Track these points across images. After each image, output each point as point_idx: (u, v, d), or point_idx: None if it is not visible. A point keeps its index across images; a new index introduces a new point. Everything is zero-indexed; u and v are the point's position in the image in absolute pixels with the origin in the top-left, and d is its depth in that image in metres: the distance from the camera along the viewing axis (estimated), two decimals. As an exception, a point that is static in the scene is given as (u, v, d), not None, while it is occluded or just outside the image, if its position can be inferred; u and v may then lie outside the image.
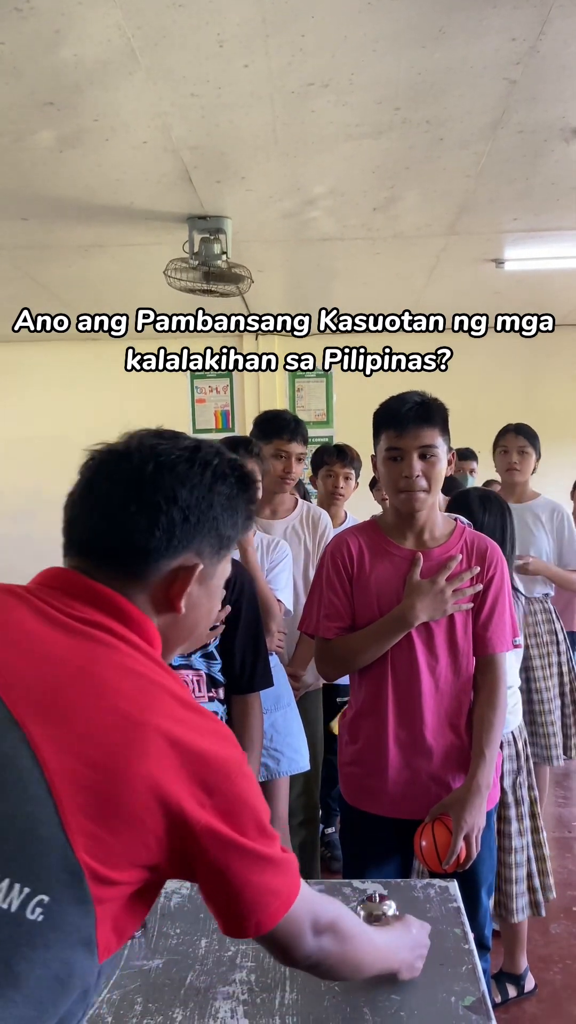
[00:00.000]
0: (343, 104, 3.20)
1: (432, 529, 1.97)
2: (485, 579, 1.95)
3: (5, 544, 7.65)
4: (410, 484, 1.87)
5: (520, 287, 6.09)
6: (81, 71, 2.92)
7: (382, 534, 2.00)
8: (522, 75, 3.01)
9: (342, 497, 3.41)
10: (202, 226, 4.38)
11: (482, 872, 1.98)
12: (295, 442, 2.80)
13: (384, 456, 1.93)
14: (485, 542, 2.00)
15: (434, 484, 1.91)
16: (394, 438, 1.89)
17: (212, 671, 1.95)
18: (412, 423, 1.88)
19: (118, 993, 1.25)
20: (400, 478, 1.88)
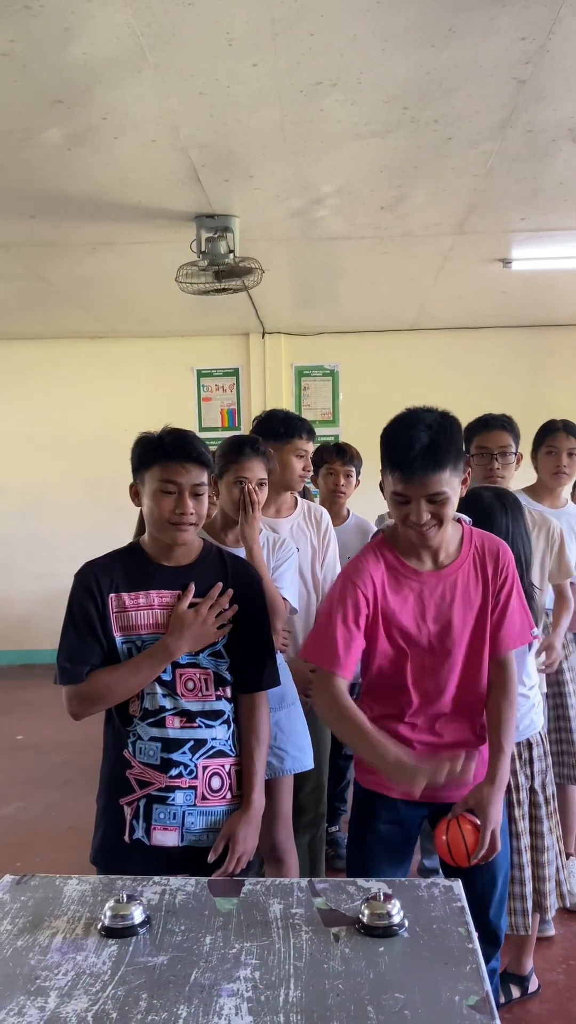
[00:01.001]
0: (351, 103, 3.20)
1: (447, 547, 1.93)
2: (498, 581, 1.94)
3: (11, 541, 7.68)
4: (419, 527, 1.83)
5: (527, 287, 6.08)
6: (90, 69, 2.92)
7: (399, 557, 1.93)
8: (531, 74, 3.01)
9: (344, 495, 3.41)
10: (210, 224, 4.38)
11: (498, 860, 1.99)
12: (312, 441, 2.86)
13: (392, 495, 1.85)
14: (495, 543, 1.98)
15: (445, 522, 1.85)
16: (400, 483, 1.81)
17: (220, 670, 1.95)
18: (420, 471, 1.78)
19: (123, 990, 1.25)
20: (407, 519, 1.84)
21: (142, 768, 1.90)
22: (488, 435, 2.92)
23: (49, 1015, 1.20)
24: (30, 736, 5.51)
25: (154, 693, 1.90)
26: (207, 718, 1.93)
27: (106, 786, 1.97)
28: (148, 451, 1.92)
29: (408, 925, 1.42)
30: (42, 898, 1.54)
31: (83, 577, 1.94)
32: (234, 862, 1.89)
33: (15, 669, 7.50)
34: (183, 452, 1.88)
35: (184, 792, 1.89)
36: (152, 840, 1.89)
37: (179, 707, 1.91)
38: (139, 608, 1.91)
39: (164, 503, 1.87)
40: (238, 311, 6.49)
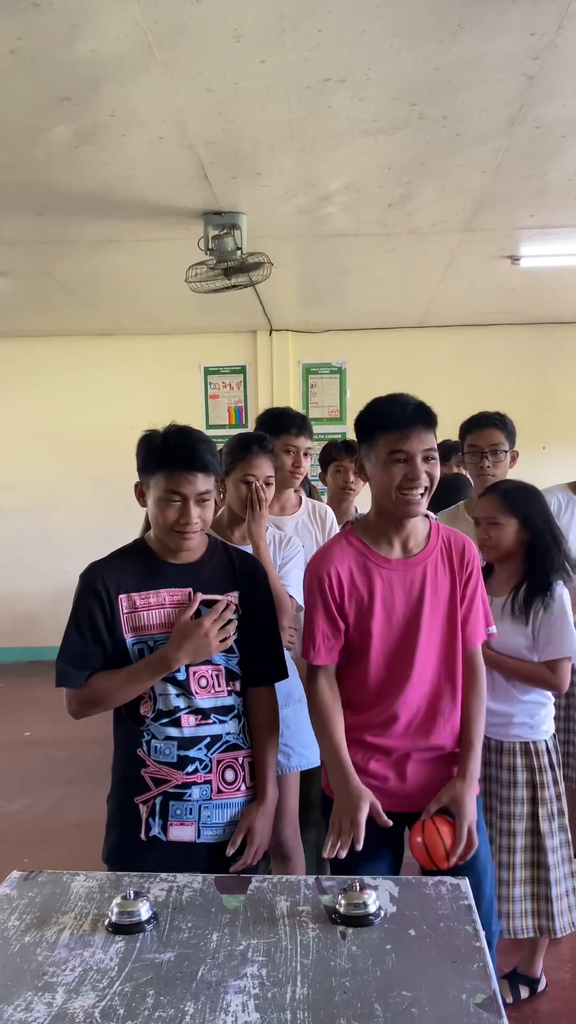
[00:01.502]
0: (359, 99, 3.19)
1: (416, 535, 1.96)
2: (464, 574, 1.96)
3: (19, 539, 7.70)
4: (415, 485, 1.85)
5: (536, 284, 6.06)
6: (98, 66, 2.92)
7: (366, 546, 1.95)
8: (540, 70, 3.00)
9: (352, 492, 3.40)
10: (217, 222, 4.38)
11: (483, 857, 1.98)
12: (303, 436, 2.80)
13: (385, 459, 1.87)
14: (460, 538, 2.00)
15: (433, 486, 1.90)
16: (398, 440, 1.85)
17: (230, 664, 1.96)
18: (416, 424, 1.85)
19: (130, 986, 1.25)
20: (404, 479, 1.85)
21: (157, 766, 1.90)
22: (480, 433, 2.90)
23: (56, 1011, 1.20)
24: (37, 733, 5.52)
25: (167, 694, 1.90)
26: (220, 713, 1.94)
27: (119, 786, 1.97)
28: (152, 456, 1.90)
29: (408, 919, 1.42)
30: (49, 894, 1.54)
31: (89, 579, 1.93)
32: (252, 854, 1.91)
33: (22, 666, 7.52)
34: (188, 462, 1.86)
35: (200, 787, 1.90)
36: (169, 836, 1.89)
37: (193, 705, 1.91)
38: (150, 608, 1.91)
39: (169, 512, 1.87)
40: (245, 308, 6.49)
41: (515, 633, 2.38)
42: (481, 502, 2.49)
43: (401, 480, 1.86)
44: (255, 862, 1.92)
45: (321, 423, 7.26)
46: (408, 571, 1.93)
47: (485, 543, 2.43)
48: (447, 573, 1.96)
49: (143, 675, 1.87)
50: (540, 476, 3.33)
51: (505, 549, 2.43)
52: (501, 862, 2.38)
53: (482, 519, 2.45)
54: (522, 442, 3.05)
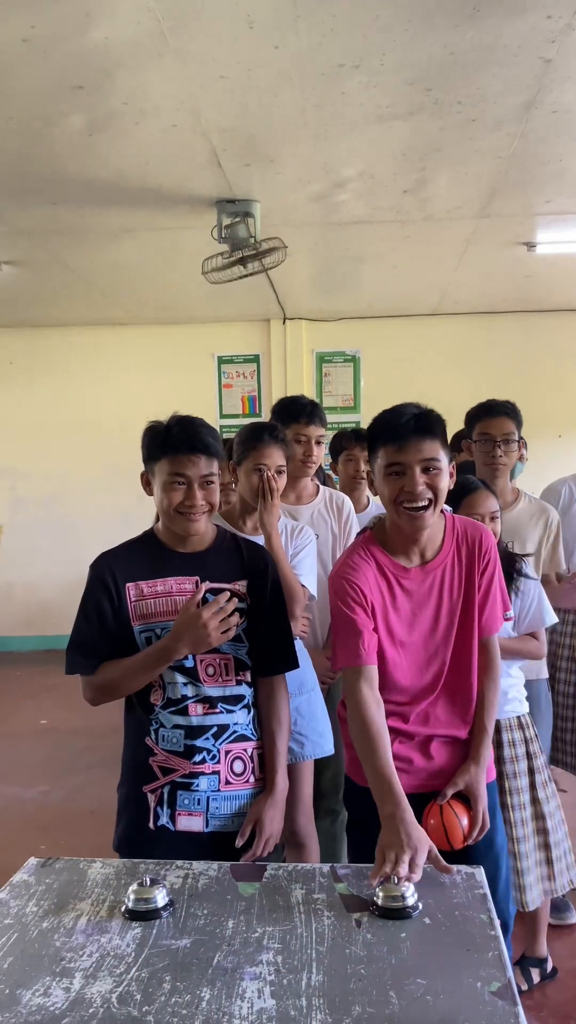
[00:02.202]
0: (374, 85, 3.17)
1: (433, 542, 1.92)
2: (480, 565, 1.94)
3: (34, 527, 7.74)
4: (414, 498, 1.81)
5: (552, 271, 6.01)
6: (111, 54, 2.91)
7: (387, 556, 1.92)
8: (557, 53, 2.96)
9: (364, 481, 3.39)
10: (231, 210, 4.37)
11: (498, 842, 1.99)
12: (313, 425, 2.78)
13: (384, 473, 1.83)
14: (477, 529, 1.98)
15: (439, 498, 1.84)
16: (394, 452, 1.81)
17: (239, 654, 1.96)
18: (413, 435, 1.79)
19: (147, 971, 1.26)
20: (402, 492, 1.81)
21: (165, 755, 1.91)
22: (491, 421, 2.83)
23: (74, 996, 1.21)
24: (54, 721, 5.56)
25: (175, 683, 1.91)
26: (228, 703, 1.94)
27: (128, 775, 1.98)
28: (156, 443, 1.92)
29: (423, 908, 1.42)
30: (67, 881, 1.56)
31: (98, 568, 1.95)
32: (261, 845, 1.91)
33: (39, 654, 7.57)
34: (190, 444, 1.87)
35: (208, 778, 1.90)
36: (177, 826, 1.90)
37: (201, 694, 1.91)
38: (157, 596, 1.92)
39: (173, 495, 1.88)
40: (259, 297, 6.47)
41: None
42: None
43: (399, 493, 1.82)
44: (265, 853, 1.91)
45: (335, 412, 7.24)
46: (426, 577, 1.92)
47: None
48: (463, 572, 1.94)
49: (147, 664, 1.87)
50: (556, 465, 3.32)
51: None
52: (516, 837, 2.40)
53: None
54: (538, 431, 3.04)
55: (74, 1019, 1.16)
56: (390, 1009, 1.17)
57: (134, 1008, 1.18)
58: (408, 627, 1.91)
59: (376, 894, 1.44)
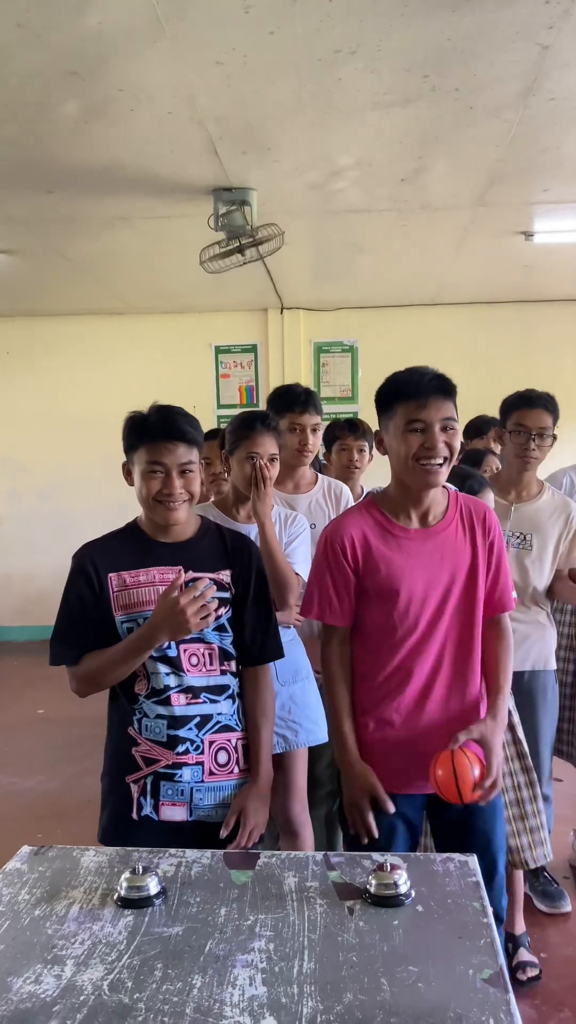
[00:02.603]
0: (371, 72, 3.15)
1: (435, 507, 1.97)
2: (486, 542, 1.97)
3: (33, 518, 7.73)
4: (434, 454, 1.85)
5: (551, 260, 5.99)
6: (106, 40, 2.89)
7: (385, 515, 1.97)
8: (555, 40, 2.94)
9: (358, 470, 3.38)
10: (227, 198, 4.34)
11: (496, 839, 2.00)
12: (307, 413, 2.77)
13: (404, 429, 1.86)
14: (481, 506, 2.01)
15: (453, 456, 1.90)
16: (415, 410, 1.86)
17: (224, 644, 1.96)
18: (435, 394, 1.86)
19: (139, 959, 1.26)
20: (421, 448, 1.86)
21: (149, 745, 1.91)
22: (529, 413, 2.77)
23: (65, 983, 1.21)
24: (51, 711, 5.57)
25: (158, 672, 1.90)
26: (212, 693, 1.93)
27: (111, 765, 1.98)
28: (135, 432, 1.92)
29: (416, 896, 1.42)
30: (59, 869, 1.56)
31: (80, 559, 1.95)
32: (246, 836, 1.90)
33: (36, 644, 7.53)
34: (168, 432, 1.88)
35: (191, 768, 1.90)
36: (161, 816, 1.90)
37: (184, 684, 1.91)
38: (140, 586, 1.91)
39: (151, 483, 1.88)
40: (256, 286, 6.45)
41: None
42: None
43: (418, 449, 1.86)
44: (249, 844, 1.90)
45: (332, 402, 7.23)
46: (427, 541, 1.94)
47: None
48: (468, 543, 1.96)
49: (128, 653, 1.86)
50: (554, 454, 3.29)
51: None
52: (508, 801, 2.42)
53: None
54: (536, 420, 3.01)
55: (65, 1006, 1.16)
56: (382, 996, 1.17)
57: (125, 995, 1.18)
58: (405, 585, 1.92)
59: (369, 882, 1.44)
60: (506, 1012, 1.14)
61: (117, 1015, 1.14)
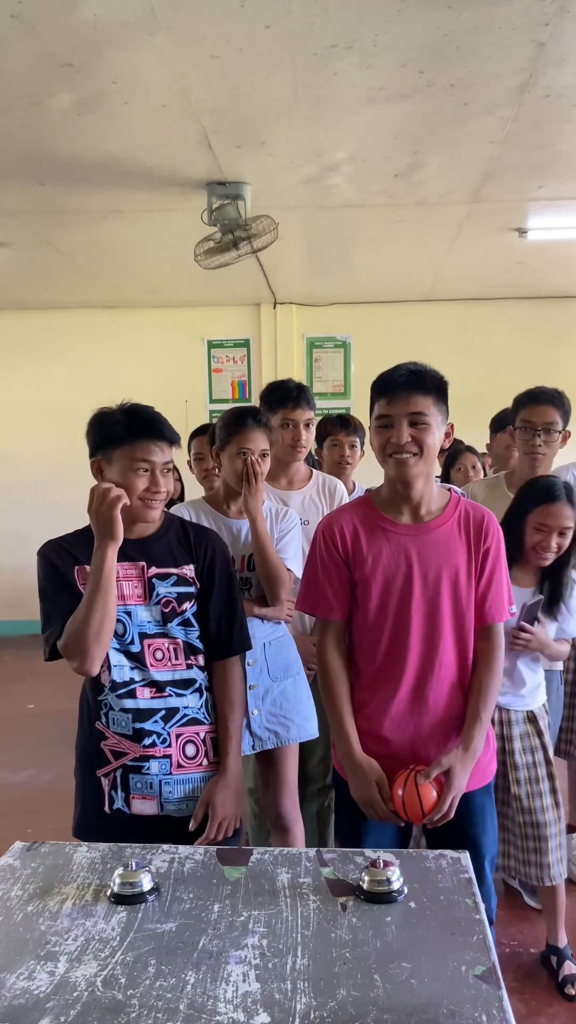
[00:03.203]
0: (366, 66, 3.14)
1: (428, 503, 1.96)
2: (482, 547, 1.95)
3: (22, 511, 7.70)
4: (399, 449, 1.87)
5: (544, 257, 5.99)
6: (100, 32, 2.87)
7: (376, 510, 1.98)
8: (551, 37, 2.94)
9: (349, 466, 3.37)
10: (221, 192, 4.33)
11: (485, 845, 2.00)
12: (300, 408, 2.76)
13: (375, 424, 1.91)
14: (480, 511, 2.00)
15: (426, 452, 1.89)
16: (384, 405, 1.89)
17: (190, 638, 1.96)
18: (403, 389, 1.87)
19: (132, 955, 1.26)
20: (387, 443, 1.88)
21: (117, 739, 1.92)
22: (535, 409, 2.74)
23: (59, 979, 1.21)
24: (41, 705, 5.56)
25: (121, 666, 1.91)
26: (178, 687, 1.94)
27: (81, 759, 1.98)
28: (116, 428, 1.92)
29: (408, 892, 1.43)
30: (52, 865, 1.56)
31: (46, 554, 1.96)
32: (215, 829, 1.89)
33: (26, 639, 7.54)
34: (155, 431, 1.89)
35: (159, 761, 1.90)
36: (132, 809, 1.91)
37: (148, 678, 1.91)
38: None
39: (137, 481, 1.88)
40: (249, 281, 6.43)
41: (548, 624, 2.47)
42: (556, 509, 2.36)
43: (385, 444, 1.89)
44: (219, 837, 1.90)
45: (325, 397, 7.22)
46: (418, 536, 1.93)
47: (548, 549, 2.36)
48: (463, 545, 1.94)
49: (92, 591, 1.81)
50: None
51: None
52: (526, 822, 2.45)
53: (554, 527, 2.35)
54: (528, 417, 3.01)
55: (58, 1003, 1.16)
56: (375, 992, 1.17)
57: (119, 992, 1.18)
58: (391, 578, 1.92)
59: (362, 878, 1.44)
60: (498, 1008, 1.14)
61: (110, 1011, 1.14)
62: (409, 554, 1.92)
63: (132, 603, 1.91)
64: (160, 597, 1.93)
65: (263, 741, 2.44)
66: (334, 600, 1.97)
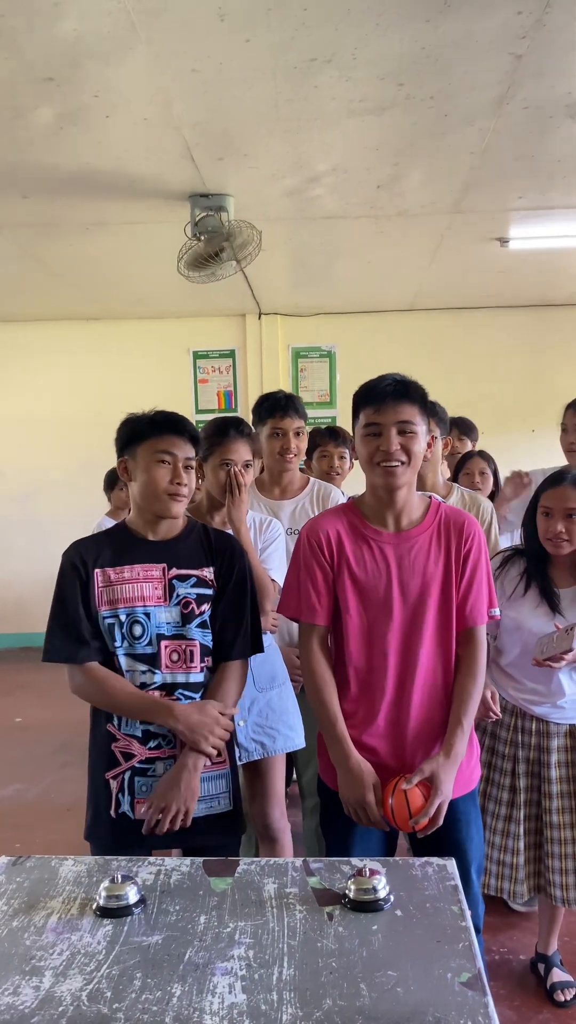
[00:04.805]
0: (346, 79, 3.16)
1: (409, 512, 1.97)
2: (463, 552, 1.96)
3: (8, 524, 7.68)
4: (388, 457, 1.88)
5: (526, 266, 6.04)
6: (81, 46, 2.88)
7: (360, 518, 1.99)
8: (528, 49, 2.97)
9: (339, 477, 3.39)
10: (204, 204, 4.35)
11: (471, 851, 2.00)
12: (288, 417, 2.76)
13: (363, 433, 1.92)
14: (461, 516, 2.01)
15: (413, 460, 1.90)
16: (372, 414, 1.90)
17: (205, 640, 1.99)
18: (391, 398, 1.89)
19: (118, 968, 1.26)
20: (377, 452, 1.89)
21: (126, 741, 1.94)
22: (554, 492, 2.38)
23: (44, 994, 1.20)
24: (28, 718, 5.53)
25: (134, 670, 1.94)
26: (189, 690, 1.96)
27: (94, 761, 2.01)
28: (141, 426, 1.98)
29: (394, 900, 1.43)
30: (38, 879, 1.55)
31: (69, 556, 1.99)
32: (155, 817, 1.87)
33: (13, 652, 7.51)
34: (177, 426, 1.97)
35: (164, 763, 1.93)
36: (136, 814, 1.92)
37: (160, 681, 1.94)
38: (124, 582, 1.95)
39: (160, 473, 1.93)
40: (234, 292, 6.45)
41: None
42: (560, 491, 2.31)
43: (374, 452, 1.90)
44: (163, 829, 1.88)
45: (311, 407, 7.20)
46: (399, 545, 1.94)
47: (559, 536, 2.30)
48: (441, 551, 1.95)
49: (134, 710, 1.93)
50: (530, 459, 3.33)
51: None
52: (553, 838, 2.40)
53: (556, 508, 2.30)
54: (512, 425, 3.07)
55: (43, 1018, 1.15)
56: (361, 1001, 1.17)
57: (104, 1006, 1.18)
58: (371, 586, 1.93)
59: (348, 887, 1.44)
60: (484, 1015, 1.14)
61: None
62: (390, 563, 1.93)
63: (152, 604, 1.94)
64: (180, 598, 1.96)
65: (249, 752, 2.44)
66: (318, 604, 1.96)
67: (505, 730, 2.46)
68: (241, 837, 2.12)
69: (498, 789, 2.46)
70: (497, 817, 2.45)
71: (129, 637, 1.94)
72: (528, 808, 2.44)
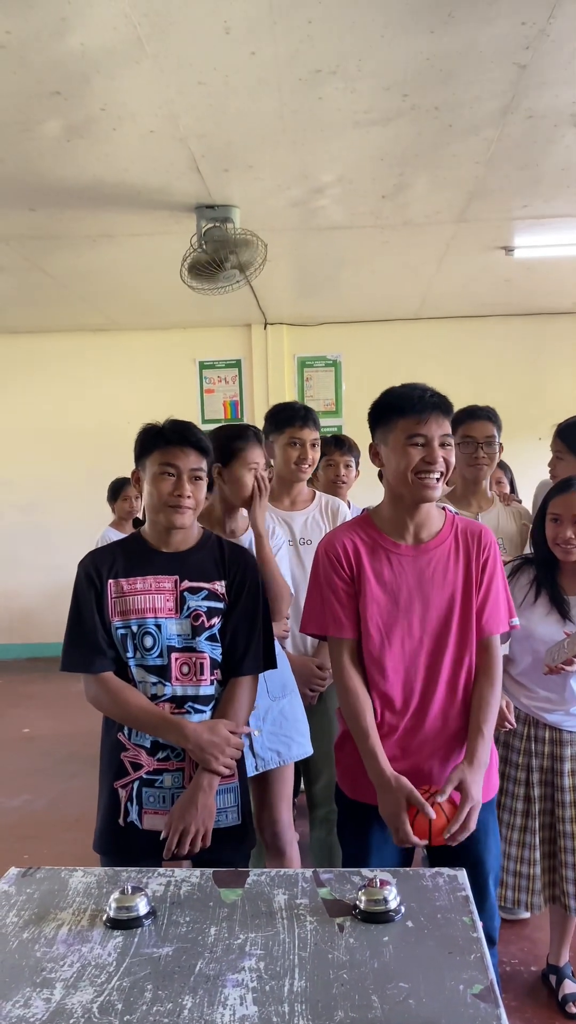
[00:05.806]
0: (351, 91, 3.18)
1: (429, 524, 1.97)
2: (480, 560, 1.95)
3: (15, 534, 7.69)
4: (432, 469, 1.87)
5: (530, 274, 6.05)
6: (88, 60, 2.91)
7: (378, 531, 1.98)
8: (532, 59, 2.99)
9: (345, 486, 3.40)
10: (210, 215, 4.37)
11: (488, 862, 1.98)
12: (307, 428, 2.78)
13: (404, 442, 1.88)
14: (477, 527, 2.01)
15: (449, 471, 1.92)
16: (416, 424, 1.88)
17: (215, 654, 1.98)
18: (435, 410, 1.89)
19: (128, 980, 1.25)
20: (421, 462, 1.88)
21: (136, 751, 1.94)
22: (473, 424, 2.93)
23: (55, 1007, 1.20)
24: (36, 729, 5.52)
25: (145, 681, 1.94)
26: (199, 703, 1.95)
27: (104, 770, 2.01)
28: (150, 437, 1.98)
29: (406, 911, 1.42)
30: (48, 890, 1.54)
31: (84, 566, 1.99)
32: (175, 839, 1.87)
33: (21, 663, 7.52)
34: (183, 437, 1.95)
35: (172, 774, 1.92)
36: (144, 824, 1.91)
37: (171, 694, 1.93)
38: (136, 593, 1.95)
39: (163, 485, 1.93)
40: (240, 302, 6.47)
41: None
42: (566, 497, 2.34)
43: (418, 463, 1.88)
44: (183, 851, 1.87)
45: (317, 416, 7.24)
46: (418, 558, 1.93)
47: (568, 542, 2.31)
48: (461, 562, 1.95)
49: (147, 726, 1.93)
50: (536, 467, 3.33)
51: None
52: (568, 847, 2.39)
53: (564, 514, 2.33)
54: (518, 433, 3.07)
55: (55, 1030, 1.15)
56: (372, 1013, 1.17)
57: (115, 1018, 1.17)
58: (391, 600, 1.91)
59: (359, 898, 1.44)
60: (497, 1027, 1.14)
61: (107, 1038, 1.13)
62: (410, 575, 1.92)
63: (163, 616, 1.94)
64: (191, 610, 1.96)
65: (266, 761, 2.42)
66: (344, 617, 1.93)
67: (518, 739, 2.45)
68: (251, 852, 2.11)
69: (512, 799, 2.45)
70: (513, 828, 2.44)
71: (140, 648, 1.93)
72: (543, 817, 2.42)
